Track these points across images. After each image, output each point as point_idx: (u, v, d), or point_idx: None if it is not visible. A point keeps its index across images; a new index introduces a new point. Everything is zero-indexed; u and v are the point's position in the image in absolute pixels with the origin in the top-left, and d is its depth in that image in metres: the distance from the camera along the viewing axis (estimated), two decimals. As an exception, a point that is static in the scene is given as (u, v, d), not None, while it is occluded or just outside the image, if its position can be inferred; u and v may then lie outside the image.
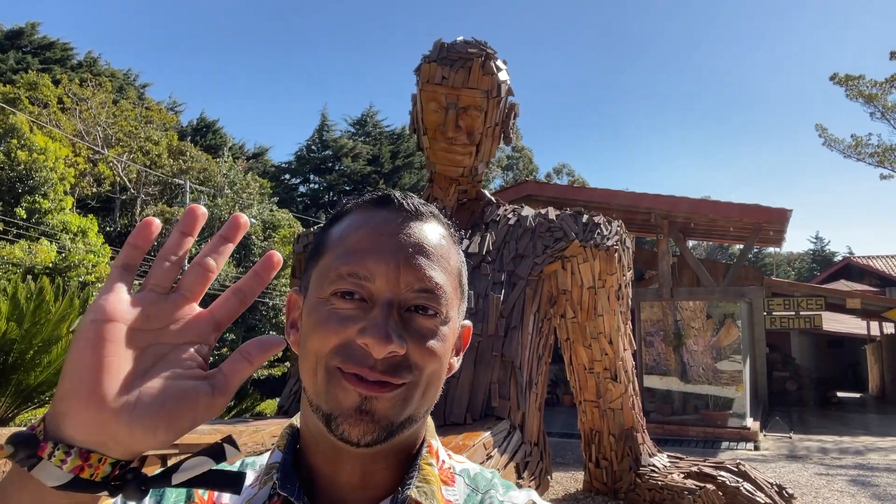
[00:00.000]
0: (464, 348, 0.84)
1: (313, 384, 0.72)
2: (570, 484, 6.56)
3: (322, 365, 0.71)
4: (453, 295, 0.76)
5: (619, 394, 5.44)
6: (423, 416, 0.76)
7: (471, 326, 0.85)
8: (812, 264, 49.88)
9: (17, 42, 33.31)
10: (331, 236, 0.78)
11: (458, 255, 0.81)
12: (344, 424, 0.69)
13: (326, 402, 0.71)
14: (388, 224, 0.75)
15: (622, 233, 5.33)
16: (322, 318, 0.72)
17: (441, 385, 0.77)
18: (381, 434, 0.70)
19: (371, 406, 0.69)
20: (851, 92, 17.05)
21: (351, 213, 0.79)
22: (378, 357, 0.68)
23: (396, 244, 0.73)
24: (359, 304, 0.72)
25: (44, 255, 14.06)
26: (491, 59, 4.97)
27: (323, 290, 0.74)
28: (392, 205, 0.77)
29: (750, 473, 5.12)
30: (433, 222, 0.78)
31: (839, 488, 6.92)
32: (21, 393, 6.60)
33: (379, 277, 0.72)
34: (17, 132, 18.32)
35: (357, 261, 0.73)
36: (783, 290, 13.57)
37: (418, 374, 0.72)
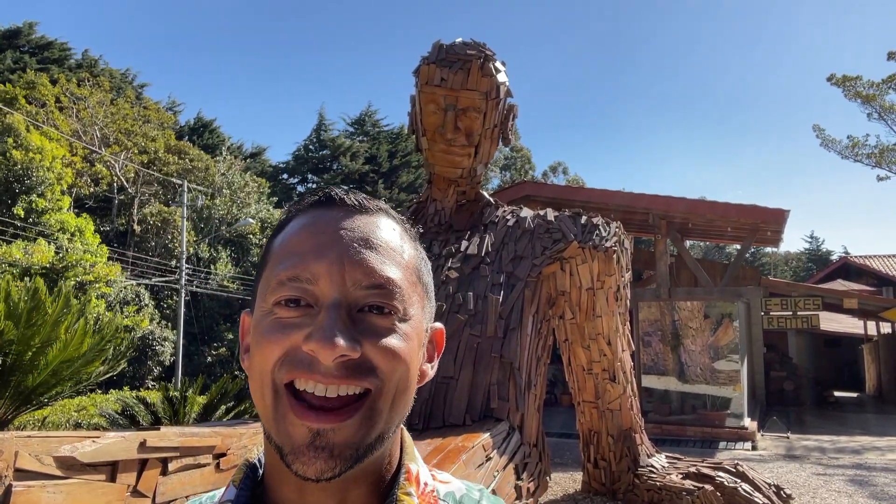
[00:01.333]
0: (438, 354, 0.78)
1: (262, 408, 0.65)
2: (568, 484, 6.57)
3: (268, 383, 0.64)
4: (411, 290, 0.70)
5: (617, 395, 5.46)
6: (395, 431, 0.69)
7: (443, 329, 0.79)
8: (808, 264, 49.97)
9: (15, 42, 33.24)
10: (273, 246, 0.73)
11: (415, 250, 0.74)
12: (297, 462, 0.62)
13: (277, 433, 0.64)
14: (330, 222, 0.69)
15: (621, 234, 5.34)
16: (265, 330, 0.66)
17: (412, 394, 0.70)
18: (343, 466, 0.62)
19: (327, 440, 0.62)
20: (849, 92, 17.10)
21: (294, 218, 0.73)
22: (327, 362, 0.62)
23: (339, 241, 0.68)
24: (304, 311, 0.66)
25: (41, 255, 14.04)
26: (490, 60, 4.98)
27: (266, 301, 0.68)
28: (333, 202, 0.72)
29: (748, 474, 5.14)
30: (381, 216, 0.72)
31: (837, 488, 6.94)
32: (20, 395, 6.60)
33: (322, 278, 0.66)
34: (14, 132, 18.28)
35: (297, 263, 0.67)
36: (780, 290, 13.60)
37: (383, 380, 0.65)
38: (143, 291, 20.87)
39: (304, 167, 40.41)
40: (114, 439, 2.14)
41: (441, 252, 5.09)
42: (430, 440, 3.69)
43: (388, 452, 0.71)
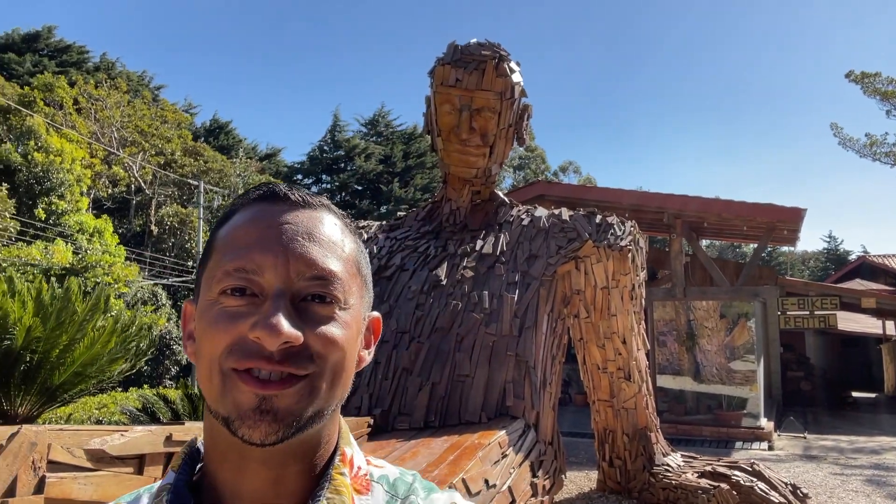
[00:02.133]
0: (374, 341, 0.82)
1: (209, 389, 0.69)
2: (583, 483, 6.58)
3: (216, 369, 0.68)
4: (350, 282, 0.74)
5: (632, 393, 5.47)
6: (333, 411, 0.73)
7: (380, 318, 0.83)
8: (826, 263, 49.42)
9: (34, 45, 33.73)
10: (217, 238, 0.75)
11: (355, 243, 0.78)
12: (243, 427, 0.66)
13: (224, 406, 0.67)
14: (274, 216, 0.73)
15: (635, 233, 5.35)
16: (212, 319, 0.69)
17: (350, 377, 0.74)
18: (286, 431, 0.66)
19: (271, 404, 0.66)
20: (867, 89, 16.89)
21: (238, 211, 0.76)
22: (272, 349, 0.65)
23: (284, 234, 0.71)
24: (250, 300, 0.69)
25: (60, 256, 14.24)
26: (504, 60, 5.00)
27: (211, 291, 0.71)
28: (278, 197, 0.75)
29: (764, 473, 5.12)
30: (323, 211, 0.76)
31: (854, 488, 6.89)
32: (46, 391, 6.74)
33: (267, 269, 0.69)
34: (35, 134, 18.55)
35: (243, 255, 0.70)
36: (798, 289, 13.49)
37: (322, 364, 0.69)
38: (161, 291, 21.08)
39: (319, 168, 40.57)
40: (141, 433, 2.20)
41: (456, 251, 5.13)
42: (446, 437, 3.73)
43: (326, 436, 0.74)
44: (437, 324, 4.60)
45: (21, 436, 1.80)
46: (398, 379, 4.43)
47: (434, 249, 5.23)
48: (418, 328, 4.64)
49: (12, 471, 1.77)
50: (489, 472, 3.31)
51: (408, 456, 3.39)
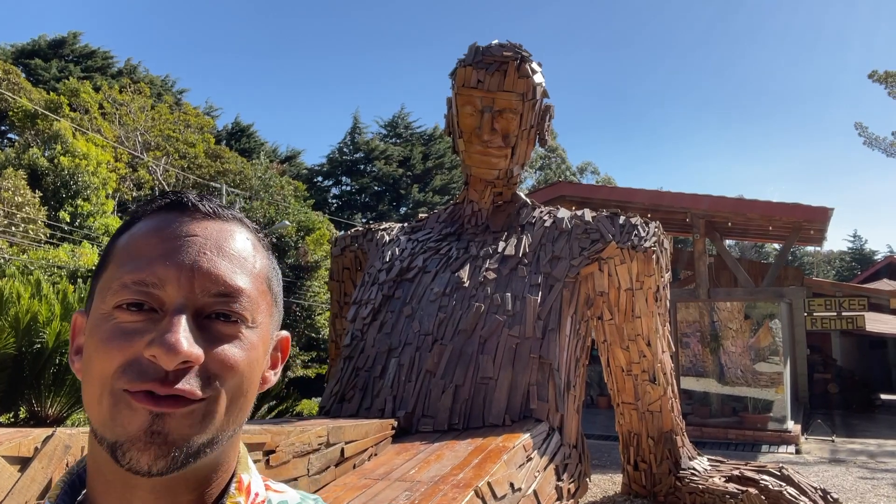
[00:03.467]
0: (282, 361, 0.77)
1: (97, 412, 0.62)
2: (608, 486, 6.53)
3: (107, 390, 0.62)
4: (260, 299, 0.70)
5: (657, 396, 5.41)
6: (229, 438, 0.67)
7: (288, 336, 0.79)
8: (852, 263, 48.59)
9: (60, 51, 34.33)
10: (116, 246, 0.70)
11: (266, 259, 0.74)
12: (132, 451, 0.60)
13: (112, 430, 0.61)
14: (181, 227, 0.68)
15: (660, 234, 5.29)
16: (105, 335, 0.63)
17: (250, 401, 0.69)
18: (176, 459, 0.61)
19: (163, 426, 0.60)
20: (891, 89, 16.58)
21: (141, 219, 0.71)
22: (169, 368, 0.60)
23: (190, 247, 0.66)
24: (147, 316, 0.64)
25: (86, 258, 14.48)
26: (526, 61, 4.98)
27: (105, 303, 0.65)
28: (186, 207, 0.70)
29: (793, 477, 5.04)
30: (234, 224, 0.72)
31: (885, 493, 6.75)
32: (75, 392, 6.84)
33: (170, 284, 0.64)
34: (61, 138, 18.88)
35: (144, 267, 0.64)
36: (825, 290, 13.27)
37: (219, 389, 0.64)
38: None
39: (338, 170, 40.83)
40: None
41: (479, 253, 5.11)
42: (470, 440, 3.72)
43: (222, 463, 0.69)
44: (460, 326, 4.59)
45: (55, 439, 1.82)
46: (421, 381, 4.42)
47: (456, 251, 5.22)
48: (441, 330, 4.63)
49: (47, 473, 1.79)
50: (514, 476, 3.30)
51: (433, 458, 3.39)
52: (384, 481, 3.06)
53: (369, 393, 4.53)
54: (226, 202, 18.20)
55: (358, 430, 3.50)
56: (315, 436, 3.16)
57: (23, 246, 15.15)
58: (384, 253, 5.54)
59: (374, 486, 2.99)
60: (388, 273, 5.24)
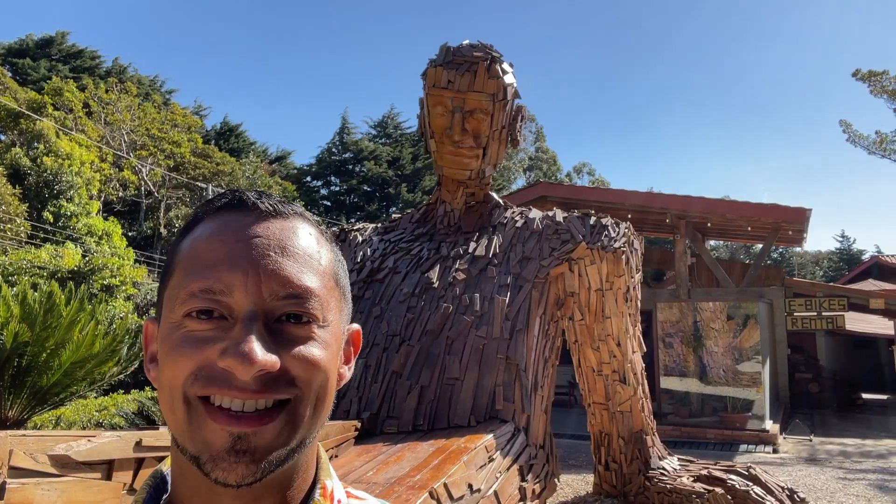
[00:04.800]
0: (355, 354, 0.77)
1: (174, 421, 0.63)
2: (580, 486, 6.55)
3: (179, 397, 0.62)
4: (329, 297, 0.68)
5: (627, 396, 5.42)
6: (314, 437, 0.68)
7: (359, 329, 0.78)
8: (839, 264, 48.92)
9: (48, 51, 34.10)
10: (180, 251, 0.69)
11: (331, 253, 0.72)
12: (217, 469, 0.60)
13: (192, 443, 0.61)
14: (242, 228, 0.66)
15: (630, 234, 5.30)
16: (176, 343, 0.63)
17: (332, 398, 0.69)
18: (265, 470, 0.61)
19: (248, 444, 0.60)
20: (875, 88, 16.72)
21: (201, 221, 0.70)
22: (246, 378, 0.60)
23: (254, 249, 0.65)
24: (218, 323, 0.63)
25: (69, 259, 14.37)
26: (496, 62, 4.98)
27: (174, 312, 0.64)
28: (246, 207, 0.68)
29: (760, 477, 5.06)
30: (296, 220, 0.70)
31: (856, 492, 6.80)
32: (35, 395, 6.81)
33: (237, 289, 0.63)
34: (44, 138, 18.73)
35: (209, 274, 0.63)
36: (804, 290, 13.34)
37: (304, 389, 0.64)
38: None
39: (328, 170, 40.71)
40: (109, 438, 2.20)
41: (449, 254, 5.11)
42: (433, 441, 3.71)
43: (304, 464, 0.69)
44: (428, 327, 4.59)
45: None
46: (387, 382, 4.41)
47: (427, 252, 5.22)
48: (409, 331, 4.62)
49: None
50: (473, 477, 3.29)
51: (392, 460, 3.38)
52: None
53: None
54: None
55: (317, 432, 3.48)
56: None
57: (2, 246, 15.04)
58: (356, 253, 5.53)
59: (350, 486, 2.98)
60: (359, 274, 5.23)
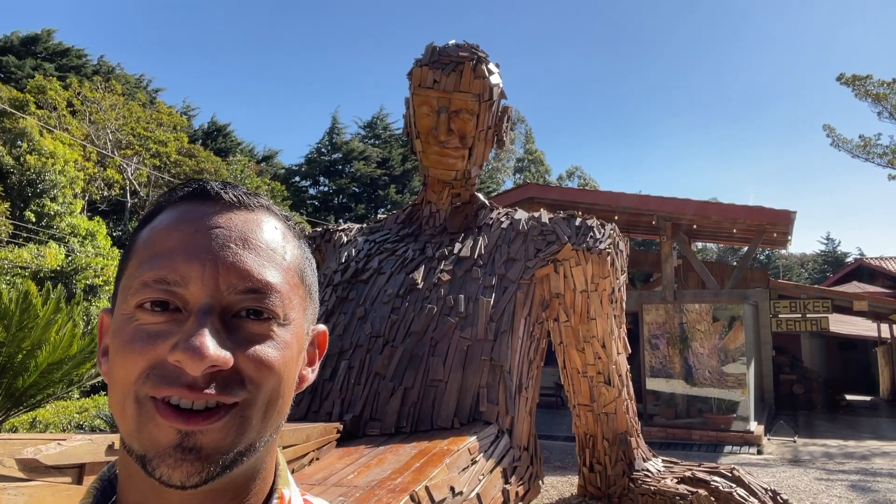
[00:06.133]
0: (320, 357, 0.73)
1: (122, 420, 0.60)
2: (565, 488, 6.54)
3: (131, 396, 0.58)
4: (292, 294, 0.65)
5: (612, 398, 5.42)
6: (267, 442, 0.64)
7: (325, 331, 0.75)
8: (824, 266, 49.40)
9: (33, 48, 33.74)
10: (138, 240, 0.66)
11: (298, 249, 0.69)
12: (162, 467, 0.57)
13: (139, 441, 0.58)
14: (203, 218, 0.63)
15: (615, 236, 5.30)
16: (127, 337, 0.60)
17: (288, 403, 0.65)
18: (212, 472, 0.58)
19: (195, 441, 0.57)
20: (859, 92, 16.91)
21: (162, 211, 0.66)
22: (195, 374, 0.57)
23: (213, 240, 0.62)
24: (172, 316, 0.60)
25: (51, 259, 14.21)
26: (482, 62, 4.97)
27: (127, 303, 0.61)
28: (208, 196, 0.65)
29: (743, 479, 5.08)
30: (261, 213, 0.67)
31: (838, 493, 6.84)
32: (11, 396, 6.71)
33: (193, 281, 0.60)
34: (28, 136, 18.52)
35: (164, 263, 0.60)
36: (789, 292, 13.45)
37: (254, 391, 0.60)
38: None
39: (316, 170, 40.59)
40: (80, 442, 2.14)
41: (434, 254, 5.09)
42: (416, 443, 3.69)
43: (260, 472, 0.66)
44: (412, 328, 4.56)
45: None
46: (371, 384, 4.38)
47: (412, 252, 5.19)
48: (393, 332, 4.59)
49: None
50: (456, 480, 3.26)
51: (374, 462, 3.35)
52: (320, 486, 3.01)
53: (318, 396, 4.47)
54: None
55: (298, 435, 3.44)
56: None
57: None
58: (341, 254, 5.50)
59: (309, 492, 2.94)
60: (344, 274, 5.19)
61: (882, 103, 16.74)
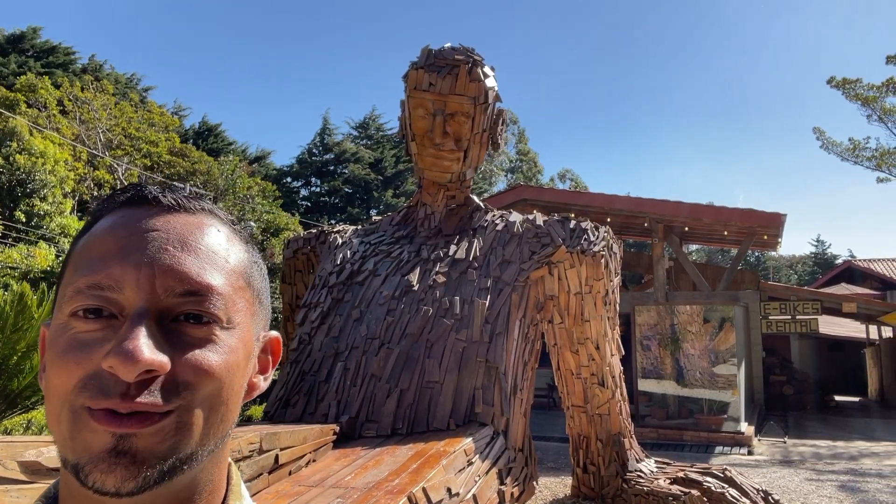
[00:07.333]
0: (273, 365, 0.71)
1: (58, 431, 0.57)
2: (559, 489, 6.57)
3: (66, 407, 0.56)
4: (236, 297, 0.63)
5: (606, 399, 5.45)
6: (210, 453, 0.61)
7: (278, 337, 0.72)
8: (814, 268, 49.76)
9: (19, 46, 33.47)
10: (74, 249, 0.64)
11: (244, 253, 0.67)
12: (95, 472, 0.54)
13: (73, 450, 0.56)
14: (139, 222, 0.61)
15: (609, 238, 5.34)
16: (62, 347, 0.58)
17: (234, 411, 0.62)
18: (148, 478, 0.55)
19: (129, 445, 0.55)
20: (849, 95, 17.06)
21: (101, 218, 0.65)
22: (129, 380, 0.54)
23: (149, 243, 0.60)
24: (107, 323, 0.58)
25: (41, 259, 14.11)
26: (478, 65, 5.00)
27: (62, 312, 0.59)
28: (146, 200, 0.63)
29: (735, 479, 5.12)
30: (203, 216, 0.65)
31: (828, 493, 6.91)
32: (6, 398, 6.66)
33: (128, 285, 0.58)
34: (18, 136, 18.39)
35: (98, 268, 0.58)
36: (779, 293, 13.56)
37: (190, 397, 0.57)
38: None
39: (308, 171, 40.52)
40: (81, 444, 2.16)
41: (430, 256, 5.10)
42: (412, 445, 3.70)
43: (207, 486, 0.63)
44: (408, 330, 4.57)
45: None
46: (366, 385, 4.39)
47: (407, 254, 5.20)
48: (388, 334, 4.61)
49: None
50: (452, 481, 3.28)
51: (371, 464, 3.36)
52: (318, 488, 3.02)
53: (314, 397, 4.48)
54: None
55: (295, 436, 3.45)
56: (246, 442, 3.11)
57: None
58: (336, 255, 5.51)
59: (306, 493, 2.95)
60: (339, 276, 5.20)
61: (871, 106, 16.91)
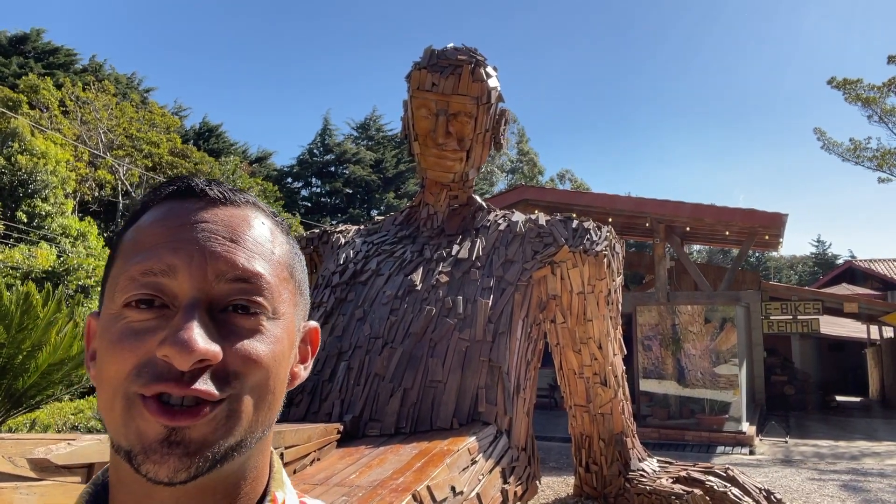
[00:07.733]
0: (312, 354, 0.73)
1: (111, 419, 0.59)
2: (561, 488, 6.58)
3: (120, 394, 0.58)
4: (281, 287, 0.65)
5: (608, 399, 5.47)
6: (259, 439, 0.63)
7: (317, 328, 0.74)
8: (815, 268, 49.74)
9: (21, 48, 33.51)
10: (123, 241, 0.65)
11: (287, 245, 0.69)
12: (148, 462, 0.56)
13: (126, 437, 0.57)
14: (189, 214, 0.63)
15: (612, 238, 5.35)
16: (115, 336, 0.59)
17: (279, 399, 0.65)
18: (200, 467, 0.57)
19: (182, 436, 0.56)
20: (850, 96, 17.08)
21: (147, 210, 0.66)
22: (184, 369, 0.56)
23: (200, 233, 0.62)
24: (159, 312, 0.60)
25: (43, 259, 14.13)
26: (481, 65, 5.02)
27: (114, 302, 0.61)
28: (193, 194, 0.65)
29: (738, 478, 5.13)
30: (248, 209, 0.67)
31: (830, 493, 6.92)
32: (11, 397, 6.68)
33: (181, 271, 0.59)
34: (19, 136, 18.41)
35: (150, 255, 0.60)
36: (780, 294, 13.57)
37: (241, 386, 0.59)
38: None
39: (309, 172, 40.52)
40: (89, 442, 2.17)
41: (433, 256, 5.12)
42: (416, 443, 3.72)
43: (252, 473, 0.65)
44: (411, 329, 4.59)
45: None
46: (370, 385, 4.40)
47: (410, 254, 5.22)
48: (392, 333, 4.62)
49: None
50: (456, 479, 3.29)
51: (375, 463, 3.37)
52: (322, 486, 3.03)
53: (317, 397, 4.49)
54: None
55: (299, 435, 3.46)
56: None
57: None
58: (339, 255, 5.52)
59: (311, 492, 2.96)
60: (342, 276, 5.21)
61: (872, 107, 16.94)
